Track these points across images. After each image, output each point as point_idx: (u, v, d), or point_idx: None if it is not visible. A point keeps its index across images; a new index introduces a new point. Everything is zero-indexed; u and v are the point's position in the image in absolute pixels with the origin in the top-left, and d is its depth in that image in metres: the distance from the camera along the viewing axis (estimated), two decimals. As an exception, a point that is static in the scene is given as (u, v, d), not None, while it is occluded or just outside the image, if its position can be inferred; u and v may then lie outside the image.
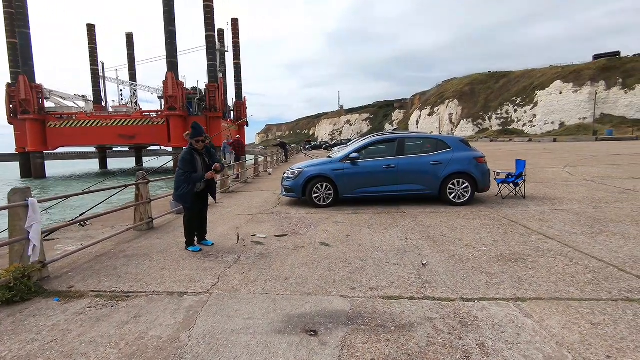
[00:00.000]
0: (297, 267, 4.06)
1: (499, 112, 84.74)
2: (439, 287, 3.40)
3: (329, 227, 5.98)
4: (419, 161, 7.58)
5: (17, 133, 48.48)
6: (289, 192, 8.12)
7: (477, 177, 7.41)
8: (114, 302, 3.25)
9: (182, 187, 4.64)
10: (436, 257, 4.25)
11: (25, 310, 3.13)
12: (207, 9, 51.94)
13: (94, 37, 68.22)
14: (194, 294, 3.38)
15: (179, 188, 4.68)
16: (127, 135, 49.90)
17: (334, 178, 7.63)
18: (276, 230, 5.84)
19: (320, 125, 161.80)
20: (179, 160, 4.65)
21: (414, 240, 5.02)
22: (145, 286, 3.59)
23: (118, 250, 4.89)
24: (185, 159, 4.63)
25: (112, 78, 69.85)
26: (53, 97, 52.77)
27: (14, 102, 47.29)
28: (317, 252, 4.61)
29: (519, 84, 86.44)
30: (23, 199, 3.59)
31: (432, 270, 3.85)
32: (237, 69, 69.90)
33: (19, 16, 45.25)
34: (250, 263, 4.23)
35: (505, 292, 3.22)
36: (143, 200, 6.06)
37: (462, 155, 7.53)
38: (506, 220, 6.05)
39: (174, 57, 47.25)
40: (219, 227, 6.20)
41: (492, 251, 4.41)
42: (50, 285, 3.66)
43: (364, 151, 7.89)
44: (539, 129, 72.13)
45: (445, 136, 8.10)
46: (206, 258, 4.47)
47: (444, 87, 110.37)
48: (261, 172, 16.81)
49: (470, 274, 3.68)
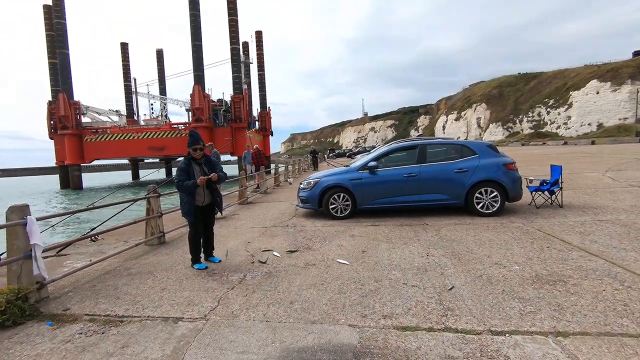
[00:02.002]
0: (304, 288, 3.72)
1: (531, 115, 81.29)
2: (463, 315, 2.96)
3: (344, 241, 5.61)
4: (443, 169, 7.08)
5: (57, 147, 51.27)
6: (305, 203, 7.82)
7: (507, 185, 6.82)
8: (105, 328, 3.03)
9: (183, 200, 4.44)
10: (460, 278, 3.78)
11: (14, 336, 2.97)
12: (232, 22, 53.26)
13: (127, 54, 71.63)
14: (189, 320, 3.11)
15: (182, 201, 4.49)
16: (157, 147, 51.57)
17: (351, 188, 7.25)
18: (288, 245, 5.53)
19: (344, 133, 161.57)
20: (177, 169, 4.48)
21: (436, 256, 4.57)
22: (141, 310, 3.36)
23: (123, 268, 4.74)
24: (180, 167, 4.44)
25: (144, 93, 72.83)
26: (89, 113, 55.54)
27: (54, 118, 50.16)
28: (329, 270, 4.25)
29: (551, 84, 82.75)
30: (21, 217, 3.48)
31: (456, 293, 3.40)
32: (262, 80, 71.08)
33: (59, 38, 48.14)
34: (256, 283, 3.93)
35: (542, 324, 2.74)
36: (154, 214, 5.95)
37: (490, 162, 6.97)
38: (541, 233, 5.45)
39: (200, 71, 48.63)
40: (229, 241, 5.97)
41: (525, 271, 3.89)
42: (47, 307, 3.51)
43: (383, 159, 7.48)
44: (574, 131, 68.44)
45: (471, 141, 7.56)
46: (210, 277, 4.22)
47: (471, 90, 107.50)
48: (281, 182, 16.66)
49: (500, 300, 3.21)
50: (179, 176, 4.40)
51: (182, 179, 4.36)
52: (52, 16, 47.78)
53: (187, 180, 4.37)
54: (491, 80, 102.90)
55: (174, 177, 4.88)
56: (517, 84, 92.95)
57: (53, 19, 47.64)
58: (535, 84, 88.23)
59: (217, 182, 4.58)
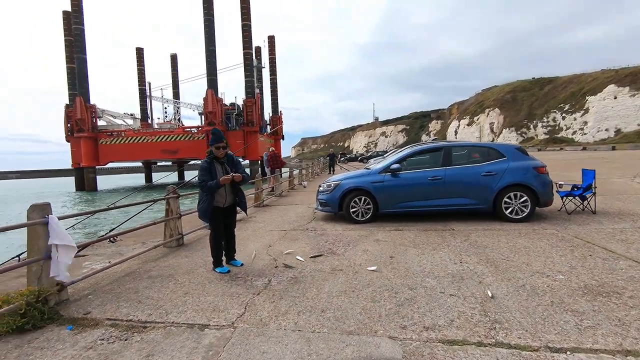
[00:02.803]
0: (335, 295, 3.50)
1: (545, 120, 79.74)
2: (514, 328, 2.71)
3: (369, 246, 5.37)
4: (469, 172, 6.80)
5: (73, 150, 52.13)
6: (324, 206, 7.61)
7: (538, 190, 6.50)
8: (128, 334, 2.86)
9: (202, 200, 4.28)
10: (502, 288, 3.52)
11: (34, 341, 2.83)
12: (245, 27, 53.66)
13: (142, 59, 72.83)
14: (216, 328, 2.92)
15: (200, 202, 4.32)
16: (170, 150, 52.05)
17: (373, 191, 7.02)
18: (311, 250, 5.32)
19: (355, 138, 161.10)
20: (198, 168, 4.33)
21: (471, 264, 4.30)
22: (165, 315, 3.19)
23: (143, 270, 4.59)
24: (202, 167, 4.27)
25: (158, 97, 73.85)
26: (105, 116, 56.49)
27: (71, 121, 51.11)
28: (358, 277, 4.03)
29: (567, 89, 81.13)
30: (42, 216, 3.35)
31: (500, 304, 3.14)
32: (274, 84, 71.37)
33: (77, 43, 49.20)
34: (282, 289, 3.73)
35: (606, 341, 2.47)
36: (173, 215, 5.81)
37: (519, 165, 6.67)
38: (579, 240, 5.13)
39: (213, 75, 49.03)
40: (250, 245, 5.79)
41: (572, 281, 3.61)
42: (67, 311, 3.37)
43: (405, 162, 7.24)
44: (590, 137, 66.81)
45: (499, 144, 7.27)
46: (234, 281, 4.03)
47: (484, 95, 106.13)
48: (296, 185, 16.49)
49: (550, 312, 2.94)
50: (201, 176, 4.23)
51: (205, 178, 4.20)
52: (71, 21, 48.86)
53: (209, 179, 4.21)
54: (505, 85, 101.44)
55: (194, 178, 4.74)
56: (531, 89, 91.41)
57: (72, 24, 48.72)
58: (550, 88, 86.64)
59: (240, 183, 4.40)
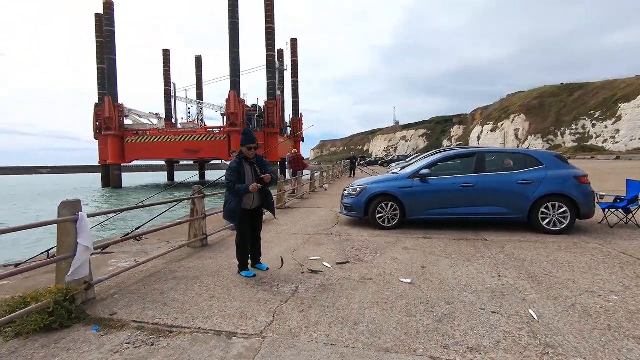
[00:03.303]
0: (367, 306, 3.31)
1: (574, 127, 76.78)
2: (570, 355, 2.45)
3: (398, 254, 5.15)
4: (503, 179, 6.47)
5: (101, 147, 53.92)
6: (349, 210, 7.42)
7: (579, 200, 6.10)
8: (154, 339, 2.77)
9: (229, 201, 4.17)
10: (549, 307, 3.24)
11: (61, 341, 2.77)
12: (269, 30, 54.24)
13: (168, 60, 74.76)
14: (244, 336, 2.78)
15: (226, 202, 4.22)
16: (192, 150, 53.04)
17: (400, 197, 6.78)
18: (337, 256, 5.14)
19: (374, 141, 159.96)
20: (227, 169, 4.24)
21: (510, 278, 4.02)
22: (191, 320, 3.08)
23: (168, 271, 4.53)
24: (231, 167, 4.17)
25: (182, 97, 75.57)
26: (131, 115, 58.18)
27: (99, 120, 52.90)
28: (389, 287, 3.82)
29: (598, 96, 77.92)
30: (72, 213, 3.32)
31: (550, 325, 2.87)
32: (295, 86, 71.76)
33: (108, 44, 51.00)
34: (310, 297, 3.57)
35: (682, 376, 2.19)
36: (198, 215, 5.76)
37: (559, 174, 6.29)
38: (628, 256, 4.75)
39: (236, 77, 49.71)
40: (274, 248, 5.67)
41: (629, 302, 3.29)
42: (93, 310, 3.31)
43: (434, 167, 6.97)
44: (622, 146, 63.79)
45: (536, 150, 6.90)
46: (260, 287, 3.90)
47: (509, 100, 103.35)
48: (317, 188, 16.37)
49: (609, 338, 2.66)
50: (230, 177, 4.13)
51: (234, 179, 4.09)
52: (103, 23, 50.65)
53: (238, 180, 4.10)
54: (531, 91, 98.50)
55: (221, 177, 4.65)
56: (559, 95, 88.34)
57: (103, 26, 50.50)
58: (580, 94, 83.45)
59: (269, 185, 4.28)
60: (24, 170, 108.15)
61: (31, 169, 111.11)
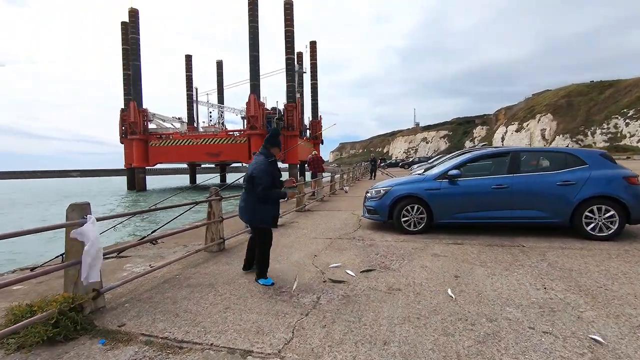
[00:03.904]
0: (396, 323, 2.96)
1: (605, 127, 73.19)
2: (650, 391, 2.02)
3: (426, 261, 4.75)
4: (541, 180, 5.95)
5: (126, 151, 55.53)
6: (372, 214, 7.05)
7: (629, 203, 5.51)
8: (162, 356, 2.51)
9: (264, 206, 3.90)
10: (611, 327, 2.79)
11: (64, 355, 2.55)
12: (288, 33, 54.44)
13: (190, 66, 76.40)
14: (260, 356, 2.49)
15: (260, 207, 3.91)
16: (213, 153, 53.78)
17: (427, 199, 6.36)
18: (361, 262, 4.79)
19: (394, 143, 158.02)
20: (258, 171, 3.80)
21: (559, 291, 3.56)
22: (203, 334, 2.81)
23: (183, 277, 4.31)
24: (266, 170, 3.82)
25: (204, 102, 76.95)
26: (155, 120, 59.65)
27: (125, 124, 54.50)
28: (421, 299, 3.44)
29: (631, 94, 74.04)
30: (81, 216, 3.13)
31: (617, 351, 2.44)
32: (314, 89, 71.75)
33: (133, 51, 52.57)
34: (333, 310, 3.24)
35: None
36: (215, 218, 5.55)
37: (605, 174, 5.72)
38: (693, 267, 4.18)
39: (256, 80, 50.09)
40: (294, 253, 5.38)
41: None
42: (101, 321, 3.10)
43: (463, 168, 6.52)
44: (659, 145, 60.31)
45: (578, 149, 6.34)
46: (278, 296, 3.61)
47: (535, 100, 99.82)
48: (337, 190, 16.03)
49: (695, 369, 2.20)
50: (265, 181, 3.75)
51: (270, 184, 3.80)
52: (129, 31, 52.24)
53: (272, 184, 3.84)
54: (558, 89, 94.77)
55: (239, 178, 4.40)
56: (589, 93, 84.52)
57: (129, 34, 52.08)
58: (612, 92, 79.58)
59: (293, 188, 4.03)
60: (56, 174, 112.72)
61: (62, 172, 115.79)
